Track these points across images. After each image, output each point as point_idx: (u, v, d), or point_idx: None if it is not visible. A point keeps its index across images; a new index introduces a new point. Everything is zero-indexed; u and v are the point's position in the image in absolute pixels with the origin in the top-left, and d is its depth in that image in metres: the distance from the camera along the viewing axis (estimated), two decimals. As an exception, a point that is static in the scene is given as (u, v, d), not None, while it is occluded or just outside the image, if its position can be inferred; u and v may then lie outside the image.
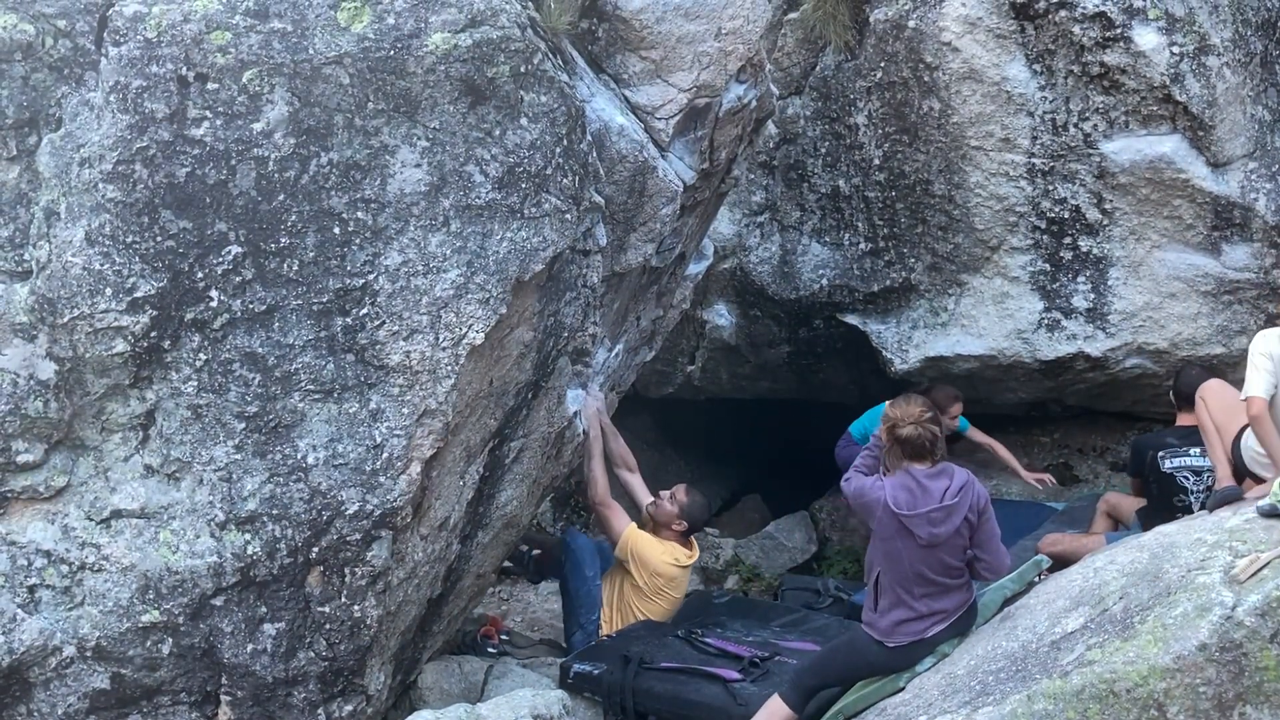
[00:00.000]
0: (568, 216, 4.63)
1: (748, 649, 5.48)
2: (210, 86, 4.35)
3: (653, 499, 5.96)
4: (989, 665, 4.16)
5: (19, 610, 4.44)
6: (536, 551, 6.38)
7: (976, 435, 7.43)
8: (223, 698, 4.60)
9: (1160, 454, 5.66)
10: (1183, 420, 5.81)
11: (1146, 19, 6.42)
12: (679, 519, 5.87)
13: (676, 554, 5.85)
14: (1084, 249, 6.87)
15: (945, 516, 4.45)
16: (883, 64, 6.95)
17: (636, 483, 6.07)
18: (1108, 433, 7.78)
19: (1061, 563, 5.69)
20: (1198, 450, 5.59)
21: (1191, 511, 5.27)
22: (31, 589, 4.48)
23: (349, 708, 4.73)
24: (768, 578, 7.41)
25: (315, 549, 4.48)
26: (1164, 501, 5.56)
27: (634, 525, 5.84)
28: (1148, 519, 5.48)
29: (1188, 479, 5.59)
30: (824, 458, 7.28)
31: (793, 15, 7.40)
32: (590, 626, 5.78)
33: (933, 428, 4.51)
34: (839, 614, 6.23)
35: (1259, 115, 6.61)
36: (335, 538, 4.48)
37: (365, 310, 4.44)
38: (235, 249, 4.39)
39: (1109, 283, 6.89)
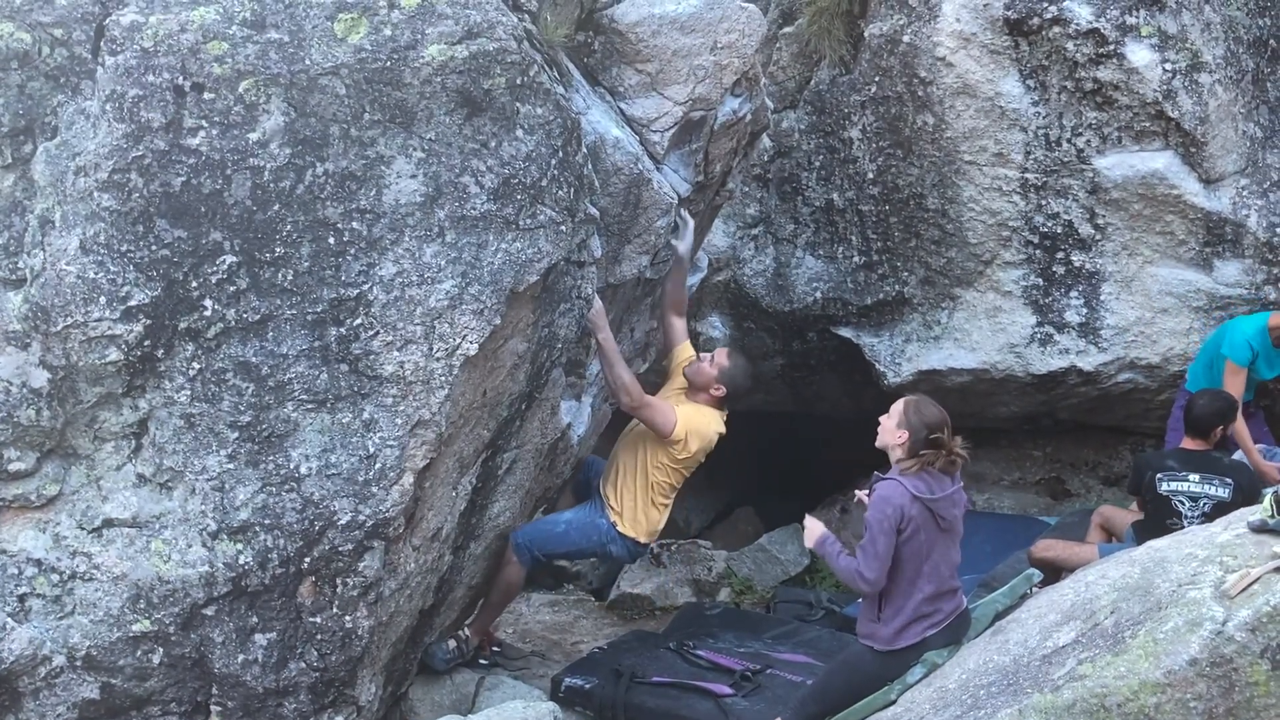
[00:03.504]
0: (563, 228, 4.64)
1: (740, 662, 5.47)
2: (206, 96, 4.35)
3: (693, 362, 5.63)
4: (980, 679, 4.16)
5: (9, 619, 4.43)
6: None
7: None
8: (213, 708, 4.59)
9: (1159, 476, 5.66)
10: (1188, 444, 5.81)
11: (1139, 36, 6.45)
12: (717, 383, 5.51)
13: (718, 423, 5.55)
14: (1077, 264, 6.89)
15: (956, 502, 4.70)
16: (877, 79, 6.97)
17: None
18: (1100, 447, 7.78)
19: (1053, 569, 5.70)
20: (1196, 476, 5.60)
21: (1184, 536, 5.27)
22: (22, 598, 4.46)
23: (339, 719, 4.72)
24: (760, 590, 7.40)
25: (307, 559, 4.48)
26: (1157, 522, 5.57)
27: (679, 405, 5.50)
28: (1141, 537, 5.49)
29: (1183, 503, 5.59)
30: (817, 470, 7.27)
31: (788, 30, 7.43)
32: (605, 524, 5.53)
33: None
34: (831, 626, 6.24)
35: (1250, 132, 6.65)
36: (327, 548, 4.48)
37: (359, 320, 4.45)
38: (230, 258, 4.39)
39: (1101, 297, 6.91)
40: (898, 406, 4.72)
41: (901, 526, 4.52)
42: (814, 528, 4.75)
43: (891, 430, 4.68)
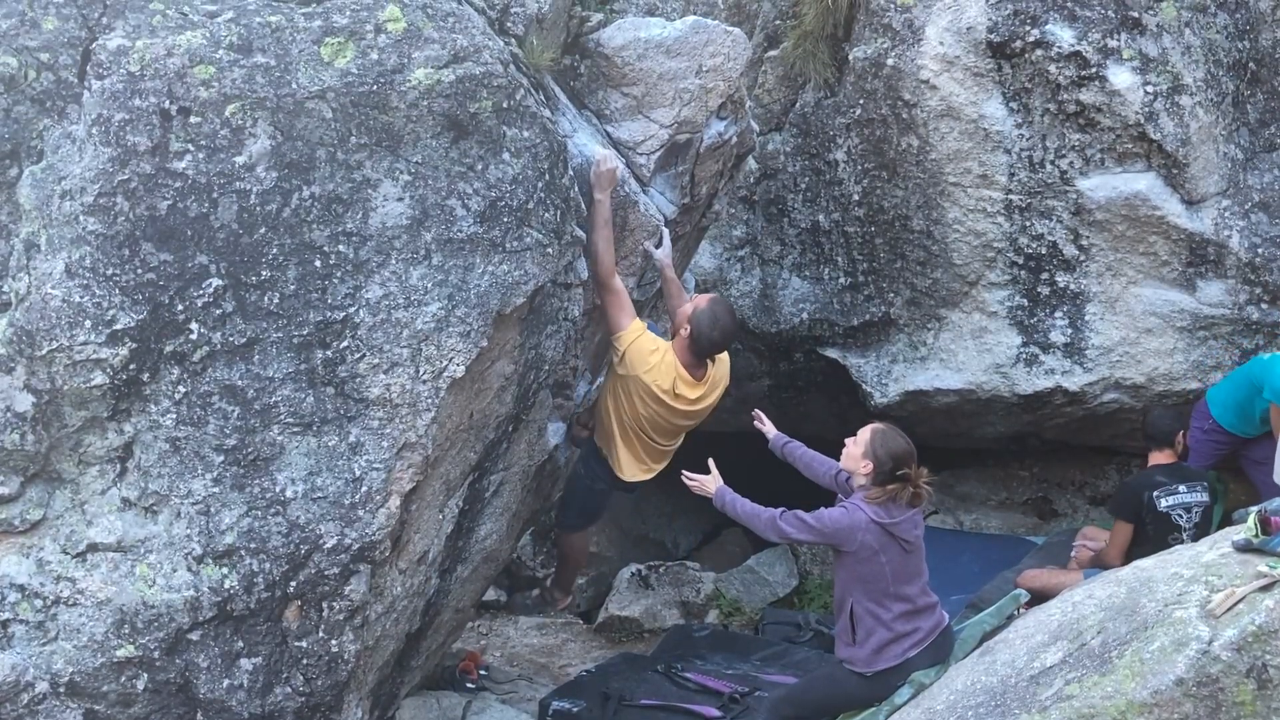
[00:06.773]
0: (549, 250, 4.65)
1: (728, 684, 5.47)
2: (193, 120, 4.36)
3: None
4: (968, 700, 4.16)
5: (-8, 645, 4.40)
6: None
7: None
8: (198, 734, 4.56)
9: (1155, 494, 5.72)
10: (1160, 458, 5.87)
11: (1121, 59, 6.52)
12: (686, 323, 5.21)
13: (672, 377, 5.19)
14: (1061, 284, 6.93)
15: (917, 523, 4.77)
16: (862, 101, 7.02)
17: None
18: (1086, 467, 7.81)
19: (1040, 599, 5.72)
20: (1184, 486, 5.70)
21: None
22: (4, 624, 4.43)
23: (326, 744, 4.70)
24: (749, 611, 7.39)
25: (293, 583, 4.46)
26: (1159, 542, 5.59)
27: (641, 329, 5.21)
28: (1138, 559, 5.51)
29: (1180, 516, 5.68)
30: (805, 489, 7.22)
31: (773, 53, 7.48)
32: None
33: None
34: (820, 648, 6.23)
35: (1231, 154, 6.71)
36: (313, 572, 4.46)
37: (345, 343, 4.44)
38: (216, 282, 4.39)
39: (1086, 318, 6.94)
40: (864, 435, 4.75)
41: (851, 549, 4.58)
42: (709, 481, 5.02)
43: (857, 458, 4.72)
